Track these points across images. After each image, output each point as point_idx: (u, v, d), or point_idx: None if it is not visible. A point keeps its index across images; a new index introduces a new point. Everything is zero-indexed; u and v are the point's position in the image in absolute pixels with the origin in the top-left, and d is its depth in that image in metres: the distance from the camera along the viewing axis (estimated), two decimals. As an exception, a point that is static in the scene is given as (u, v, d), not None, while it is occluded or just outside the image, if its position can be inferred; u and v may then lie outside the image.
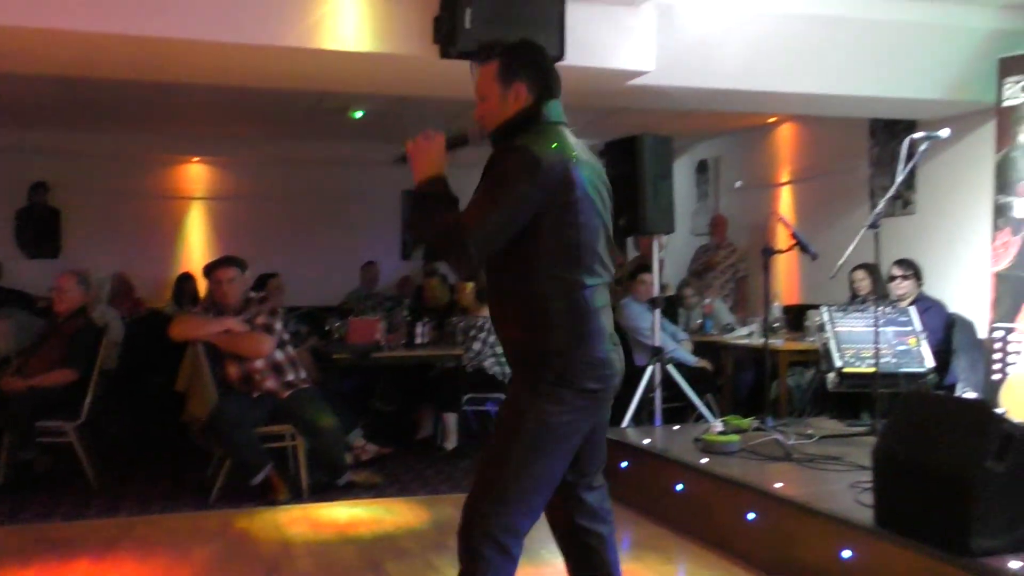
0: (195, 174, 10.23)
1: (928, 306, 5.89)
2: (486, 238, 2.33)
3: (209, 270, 5.51)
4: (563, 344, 2.40)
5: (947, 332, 5.88)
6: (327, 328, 6.89)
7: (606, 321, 2.47)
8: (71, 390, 5.54)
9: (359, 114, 8.24)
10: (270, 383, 5.28)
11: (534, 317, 2.43)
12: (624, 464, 5.05)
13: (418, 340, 6.74)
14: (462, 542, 2.45)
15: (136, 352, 6.84)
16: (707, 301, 7.59)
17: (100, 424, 6.23)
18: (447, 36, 4.79)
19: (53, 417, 5.42)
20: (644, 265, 6.86)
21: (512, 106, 2.49)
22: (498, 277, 2.50)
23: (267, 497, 5.12)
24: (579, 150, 2.48)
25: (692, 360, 6.66)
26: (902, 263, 6.09)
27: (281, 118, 8.61)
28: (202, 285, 7.78)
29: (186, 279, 8.68)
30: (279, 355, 5.35)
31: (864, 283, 6.33)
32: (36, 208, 9.50)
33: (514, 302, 2.48)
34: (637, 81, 5.50)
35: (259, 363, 5.27)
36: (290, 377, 5.36)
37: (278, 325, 5.37)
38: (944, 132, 4.96)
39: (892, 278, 6.03)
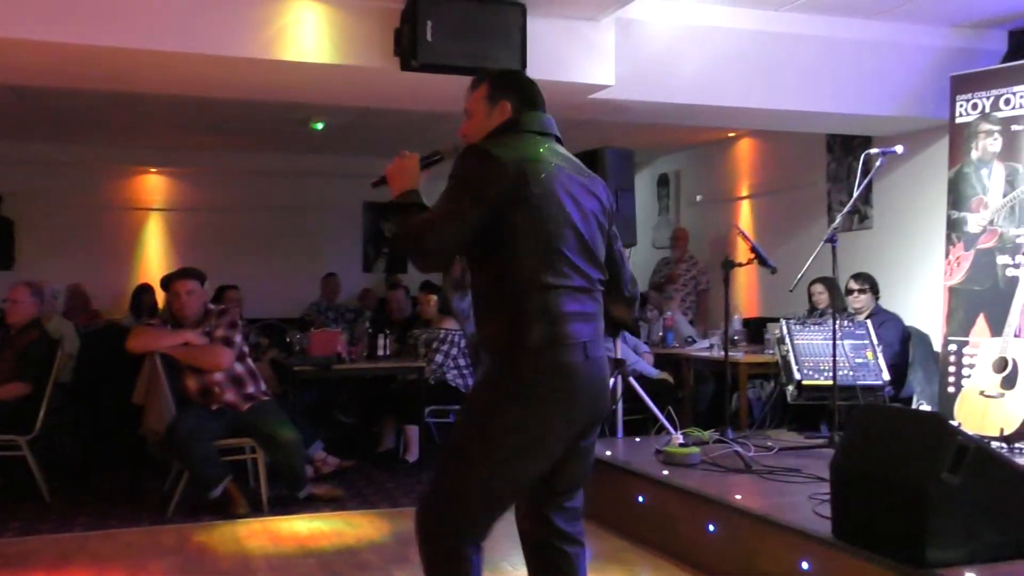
0: (153, 185, 10.11)
1: (884, 319, 5.99)
2: (444, 233, 2.36)
3: (167, 282, 5.44)
4: (522, 345, 2.37)
5: (903, 345, 5.98)
6: (288, 340, 6.83)
7: (579, 328, 2.41)
8: (24, 403, 5.44)
9: (320, 126, 8.22)
10: (229, 396, 5.23)
11: (497, 316, 2.43)
12: (586, 476, 5.05)
13: (380, 352, 6.71)
14: (420, 544, 2.44)
15: (92, 364, 6.73)
16: (668, 314, 7.64)
17: (55, 438, 6.13)
18: (408, 48, 4.80)
19: (5, 431, 5.31)
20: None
21: (496, 119, 2.58)
22: (478, 278, 2.52)
23: (226, 511, 5.07)
24: (551, 156, 2.50)
25: (654, 372, 6.70)
26: (859, 277, 6.19)
27: (242, 129, 8.56)
28: (160, 297, 7.70)
29: (144, 291, 8.57)
30: (239, 367, 5.30)
31: (822, 296, 6.42)
32: (-11, 218, 9.34)
33: (482, 301, 2.50)
34: (598, 95, 5.55)
35: (218, 376, 5.21)
36: (250, 390, 5.31)
37: (237, 337, 5.32)
38: (899, 148, 5.07)
39: (849, 292, 6.13)
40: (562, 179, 2.48)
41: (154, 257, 9.97)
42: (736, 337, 6.73)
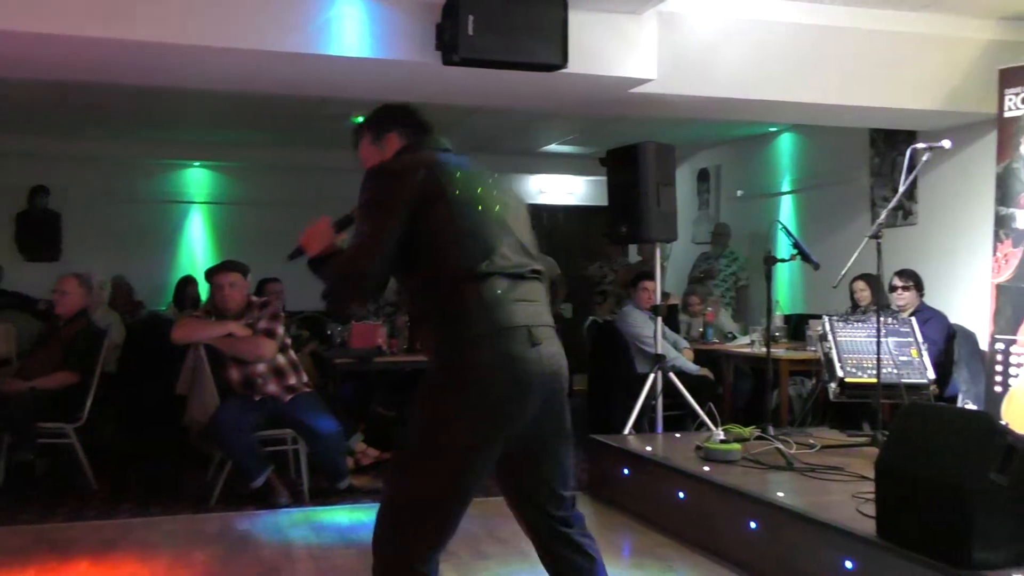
0: (195, 179, 10.23)
1: (929, 317, 5.90)
2: (377, 254, 2.34)
3: (211, 274, 5.51)
4: (463, 338, 2.29)
5: (948, 343, 5.89)
6: (328, 333, 6.88)
7: (519, 315, 2.33)
8: (72, 392, 5.54)
9: (360, 120, 8.25)
10: (271, 387, 5.28)
11: (434, 313, 2.38)
12: (626, 471, 5.05)
13: (419, 345, 6.72)
14: (374, 559, 2.38)
15: (137, 355, 6.84)
16: (708, 310, 7.59)
17: (100, 426, 6.24)
18: (449, 43, 4.80)
19: (53, 419, 5.42)
20: (645, 272, 6.87)
21: (389, 153, 2.59)
22: (405, 288, 2.51)
23: (268, 500, 5.13)
24: (449, 161, 2.49)
25: (694, 369, 6.65)
26: (903, 274, 6.10)
27: (282, 124, 8.63)
28: (203, 289, 7.79)
29: (188, 282, 8.68)
30: (281, 359, 5.35)
31: (864, 293, 6.34)
32: (36, 212, 9.50)
33: (421, 307, 2.47)
34: (639, 89, 5.52)
35: (260, 367, 5.26)
36: (292, 381, 5.36)
37: (280, 329, 5.37)
38: (946, 143, 4.98)
39: (893, 288, 6.05)
40: (467, 173, 2.47)
41: (197, 250, 10.10)
42: (777, 333, 6.67)
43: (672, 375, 5.82)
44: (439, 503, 2.32)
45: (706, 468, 4.55)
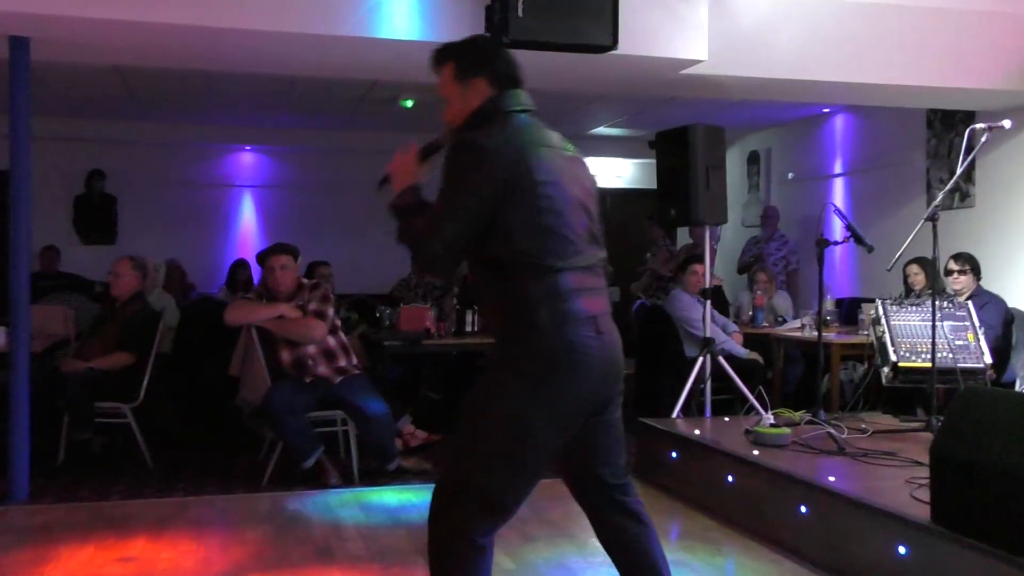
0: (247, 162, 10.35)
1: (986, 301, 5.77)
2: (450, 236, 2.32)
3: (262, 257, 5.57)
4: (530, 327, 2.31)
5: (1006, 328, 5.76)
6: (377, 315, 6.94)
7: (586, 305, 2.36)
8: (128, 373, 5.66)
9: (410, 103, 8.28)
10: (322, 368, 5.33)
11: (504, 299, 2.38)
12: (674, 455, 5.03)
13: (467, 328, 6.76)
14: (429, 534, 2.40)
15: (191, 337, 6.95)
16: (759, 293, 7.51)
17: (156, 407, 6.36)
18: (499, 25, 4.78)
19: (111, 399, 5.54)
20: (695, 256, 6.81)
21: (473, 101, 2.48)
22: (476, 268, 2.47)
23: (318, 481, 5.19)
24: (540, 137, 2.43)
25: (743, 352, 6.60)
26: (959, 257, 5.97)
27: (332, 107, 8.69)
28: (255, 272, 7.89)
29: (240, 265, 8.79)
30: (331, 341, 5.41)
31: (918, 277, 6.22)
32: (93, 195, 9.69)
33: (490, 291, 2.44)
34: (690, 70, 5.46)
35: (311, 349, 5.32)
36: (342, 363, 5.41)
37: (330, 311, 5.42)
38: (1006, 123, 4.85)
39: (949, 272, 5.92)
40: (559, 161, 2.42)
41: (248, 233, 10.23)
42: (828, 317, 6.58)
43: (721, 359, 5.78)
44: (505, 485, 2.36)
45: (755, 452, 4.51)
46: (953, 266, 5.92)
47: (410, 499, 4.91)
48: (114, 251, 8.74)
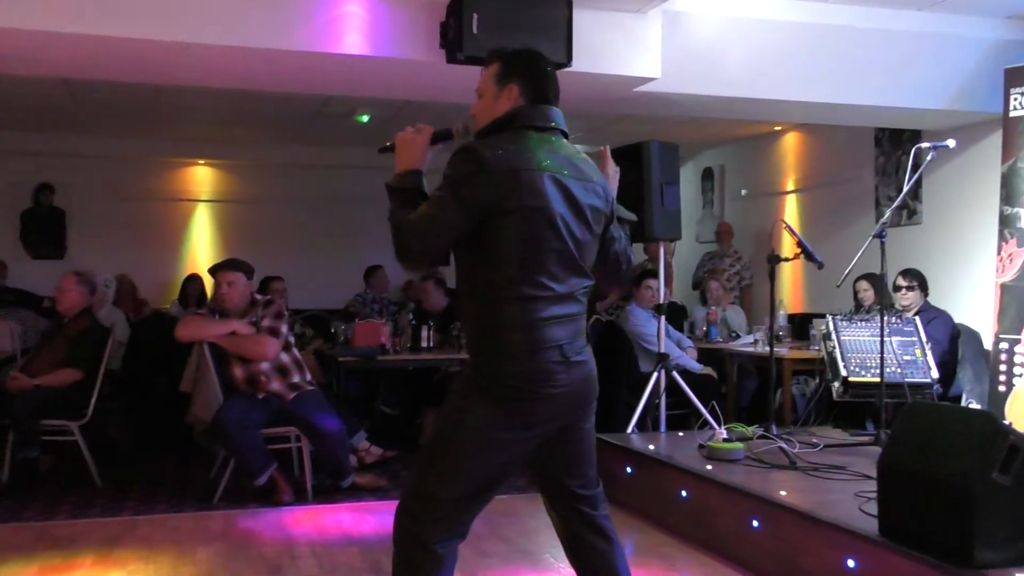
0: (200, 177, 10.24)
1: (933, 316, 5.89)
2: (428, 238, 2.37)
3: (213, 272, 5.52)
4: (499, 352, 2.37)
5: (953, 343, 5.88)
6: (332, 331, 6.89)
7: (556, 333, 2.38)
8: (76, 390, 5.56)
9: (365, 118, 8.27)
10: (275, 385, 5.29)
11: (480, 320, 2.42)
12: (628, 470, 5.05)
13: (423, 344, 6.75)
14: (394, 541, 2.47)
15: (141, 353, 6.86)
16: (712, 308, 7.59)
17: (105, 424, 6.26)
18: (453, 41, 4.81)
19: (58, 416, 5.43)
20: (649, 271, 6.86)
21: (503, 105, 2.51)
22: (458, 277, 2.51)
23: (271, 498, 5.14)
24: (549, 158, 2.42)
25: (697, 367, 6.65)
26: (908, 273, 6.08)
27: (286, 122, 8.64)
28: (208, 287, 7.81)
29: (191, 280, 8.69)
30: (284, 357, 5.36)
31: (868, 293, 6.33)
32: (41, 209, 9.53)
33: (470, 310, 2.48)
34: (644, 88, 5.52)
35: (264, 365, 5.27)
36: (295, 379, 5.37)
37: (283, 328, 5.38)
38: (951, 142, 4.96)
39: (898, 288, 6.03)
40: (558, 184, 2.40)
41: (201, 248, 10.11)
42: (781, 333, 6.66)
43: (675, 374, 5.82)
44: (460, 497, 2.41)
45: (709, 467, 4.55)
46: (902, 282, 6.04)
47: (364, 516, 4.87)
48: (63, 266, 8.58)
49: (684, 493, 4.52)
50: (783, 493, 4.01)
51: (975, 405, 5.64)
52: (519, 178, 2.35)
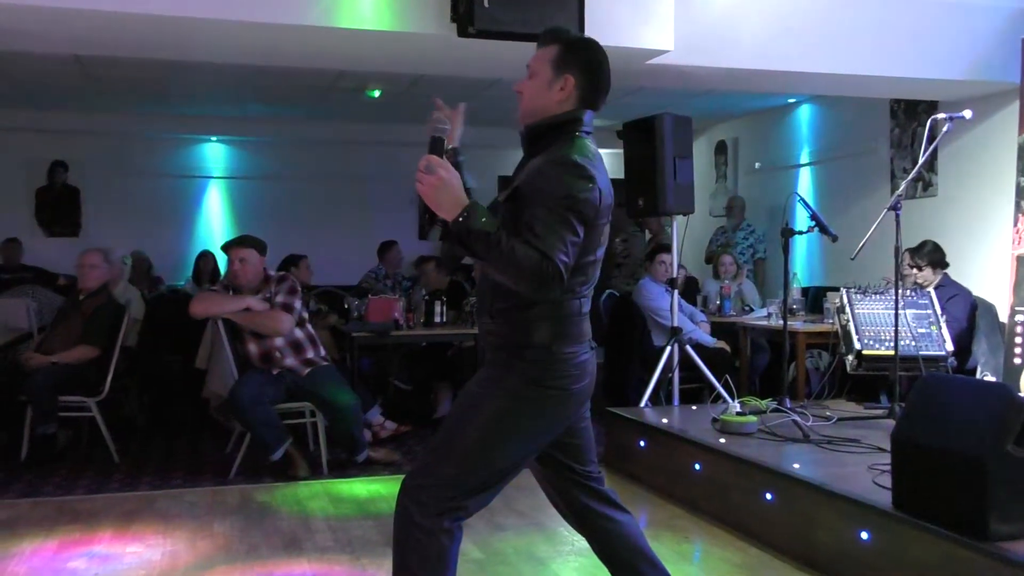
0: (213, 153, 10.26)
1: (953, 294, 5.77)
2: (569, 260, 2.24)
3: (226, 248, 5.54)
4: (545, 341, 2.36)
5: (971, 320, 5.82)
6: (347, 307, 6.91)
7: (587, 326, 2.46)
8: (93, 366, 5.60)
9: (376, 93, 8.24)
10: (290, 360, 5.31)
11: (521, 312, 2.38)
12: (642, 444, 5.06)
13: (436, 319, 6.76)
14: (398, 515, 2.40)
15: (157, 329, 6.90)
16: (726, 282, 7.57)
17: (121, 400, 6.31)
18: (465, 15, 4.78)
19: (75, 393, 5.48)
20: (663, 245, 6.84)
21: (556, 95, 2.42)
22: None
23: (287, 473, 5.18)
24: (596, 158, 2.40)
25: (710, 341, 6.64)
26: (916, 252, 5.94)
27: (299, 97, 8.63)
28: (222, 263, 7.83)
29: (204, 257, 8.72)
30: (298, 333, 5.38)
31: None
32: (56, 187, 9.56)
33: (504, 295, 2.39)
34: (657, 60, 5.48)
35: (278, 341, 5.29)
36: (309, 354, 5.39)
37: (297, 303, 5.39)
38: (967, 113, 4.91)
39: (910, 267, 5.94)
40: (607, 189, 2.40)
41: (215, 224, 10.15)
42: (795, 306, 6.64)
43: (689, 348, 5.81)
44: (467, 478, 2.38)
45: (722, 440, 4.56)
46: (908, 261, 5.89)
47: (379, 490, 4.90)
48: (78, 243, 8.64)
49: (697, 466, 4.52)
50: (796, 466, 4.02)
51: (990, 378, 5.61)
52: (607, 198, 2.37)
